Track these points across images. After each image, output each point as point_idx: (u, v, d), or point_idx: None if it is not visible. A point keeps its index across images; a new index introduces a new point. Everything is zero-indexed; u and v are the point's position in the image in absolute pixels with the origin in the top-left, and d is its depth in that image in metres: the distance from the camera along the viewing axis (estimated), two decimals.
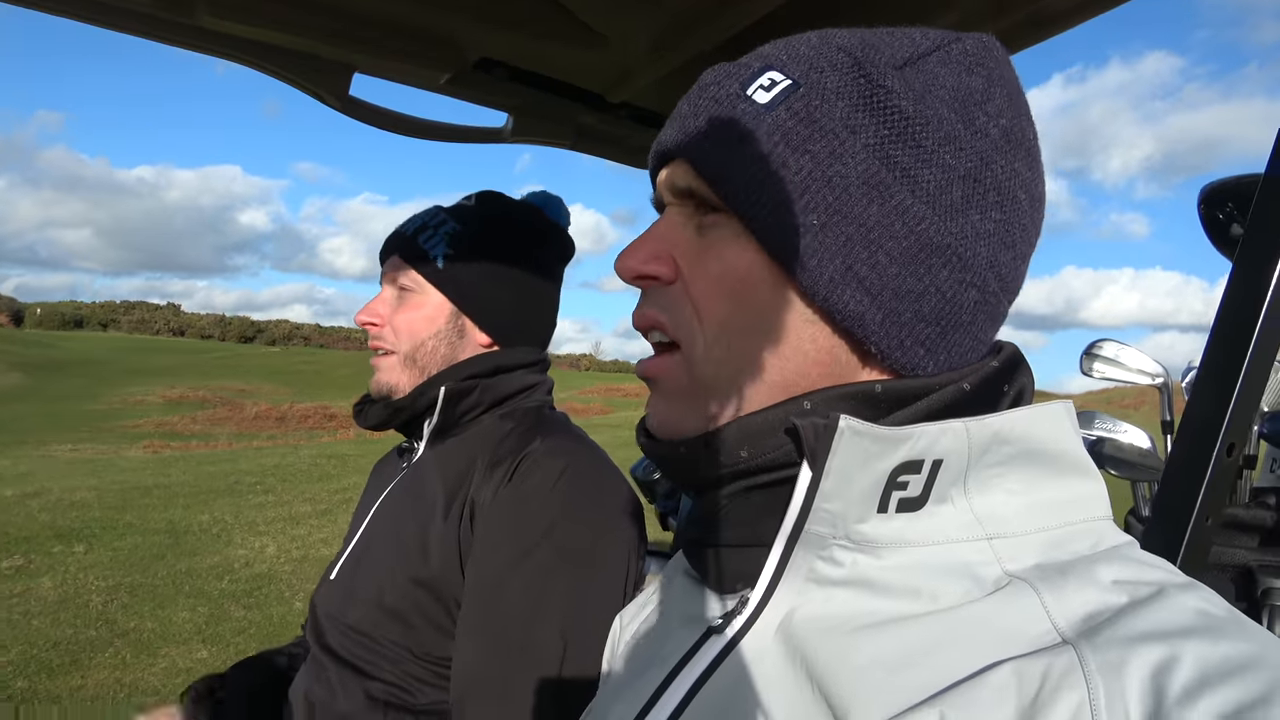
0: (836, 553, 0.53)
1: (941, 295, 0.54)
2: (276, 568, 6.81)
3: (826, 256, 0.53)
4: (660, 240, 0.60)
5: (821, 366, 0.56)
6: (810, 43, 0.58)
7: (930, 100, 0.54)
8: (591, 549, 1.10)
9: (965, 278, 0.54)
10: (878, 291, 0.53)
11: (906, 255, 0.53)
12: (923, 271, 0.53)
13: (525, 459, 1.15)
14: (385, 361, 1.31)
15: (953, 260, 0.53)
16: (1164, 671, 0.40)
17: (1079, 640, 0.43)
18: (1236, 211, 1.31)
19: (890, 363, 0.55)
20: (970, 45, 0.58)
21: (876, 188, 0.52)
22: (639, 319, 0.62)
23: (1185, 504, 0.82)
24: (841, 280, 0.53)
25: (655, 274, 0.60)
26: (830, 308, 0.53)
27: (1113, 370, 2.18)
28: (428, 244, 1.29)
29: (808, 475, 0.50)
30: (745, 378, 0.56)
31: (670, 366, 0.59)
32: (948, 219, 0.53)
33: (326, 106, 1.43)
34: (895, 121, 0.53)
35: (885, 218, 0.52)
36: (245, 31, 1.25)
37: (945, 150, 0.53)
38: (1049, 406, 0.54)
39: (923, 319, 0.54)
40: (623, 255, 0.61)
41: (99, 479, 10.64)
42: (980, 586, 0.49)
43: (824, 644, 0.51)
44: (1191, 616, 0.44)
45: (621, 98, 1.52)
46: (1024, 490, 0.52)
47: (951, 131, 0.54)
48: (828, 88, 0.54)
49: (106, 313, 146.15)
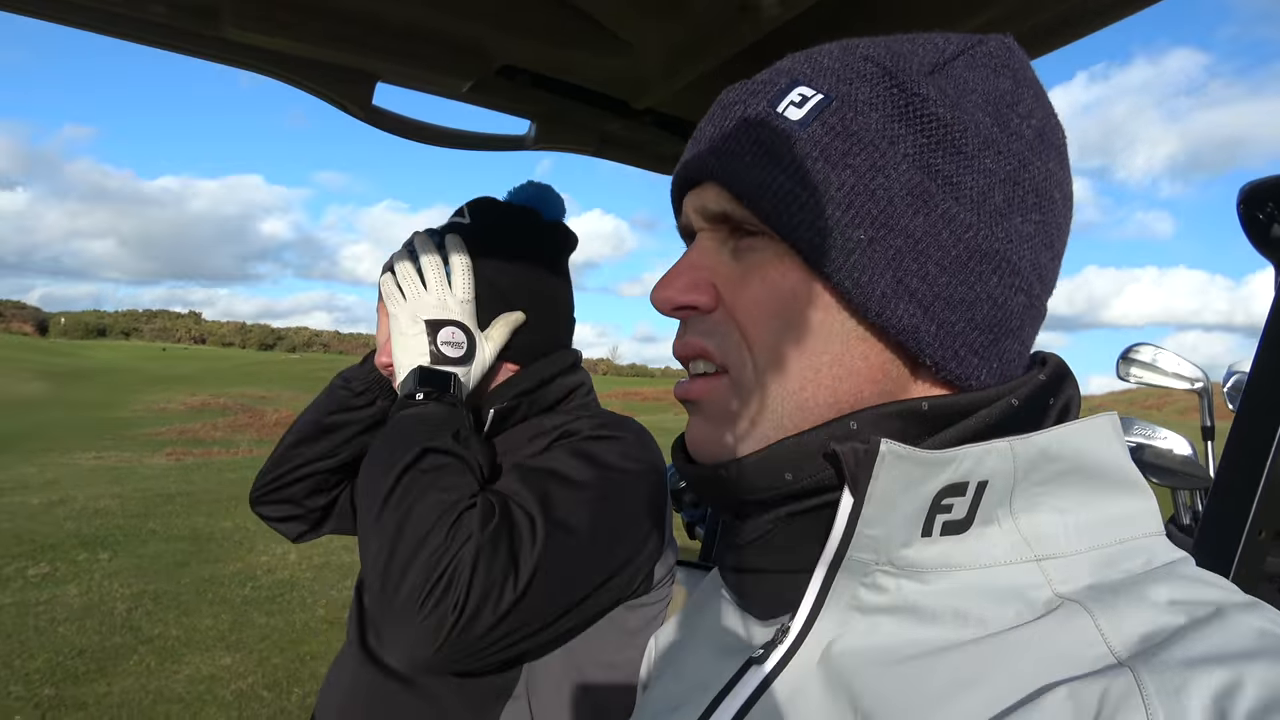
0: (880, 579, 0.51)
1: (993, 302, 0.53)
2: (298, 574, 6.84)
3: (877, 271, 0.51)
4: (696, 269, 0.59)
5: (874, 383, 0.54)
6: (834, 54, 0.56)
7: (965, 105, 0.53)
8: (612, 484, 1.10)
9: (1014, 282, 0.53)
10: (929, 303, 0.52)
11: (956, 264, 0.52)
12: (973, 279, 0.52)
13: (568, 430, 1.17)
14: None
15: (1001, 266, 0.52)
16: (1227, 696, 0.39)
17: (1136, 663, 0.42)
18: (1277, 212, 1.28)
19: (945, 374, 0.54)
20: (994, 47, 0.57)
21: (921, 197, 0.51)
22: (682, 348, 0.60)
23: (1238, 516, 0.79)
24: (894, 294, 0.51)
25: (695, 303, 0.58)
26: (883, 323, 0.52)
27: (1150, 375, 2.13)
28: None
29: (849, 501, 0.49)
30: (797, 399, 0.54)
31: (717, 389, 0.58)
32: (993, 224, 0.52)
33: (349, 116, 1.42)
34: (934, 129, 0.52)
35: (932, 227, 0.51)
36: (268, 43, 1.24)
37: (985, 155, 0.52)
38: (1095, 420, 0.52)
39: (975, 327, 0.53)
40: (659, 287, 0.59)
41: (122, 486, 10.74)
42: (1031, 609, 0.48)
43: (870, 676, 0.50)
44: (1254, 638, 0.42)
45: (646, 104, 1.50)
46: (1073, 508, 0.51)
47: (989, 135, 0.53)
48: (860, 99, 0.53)
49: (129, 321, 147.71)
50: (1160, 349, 2.13)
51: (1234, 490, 0.81)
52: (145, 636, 5.27)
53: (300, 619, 5.70)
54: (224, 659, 4.94)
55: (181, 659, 4.92)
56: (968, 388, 0.54)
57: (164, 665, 4.81)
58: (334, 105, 1.40)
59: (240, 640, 5.28)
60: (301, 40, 1.25)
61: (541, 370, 1.28)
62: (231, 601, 6.07)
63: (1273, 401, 0.79)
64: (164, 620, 5.59)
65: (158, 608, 5.84)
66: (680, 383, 0.62)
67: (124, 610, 5.73)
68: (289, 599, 6.18)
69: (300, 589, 6.41)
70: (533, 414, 1.27)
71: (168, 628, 5.44)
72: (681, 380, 0.62)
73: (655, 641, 0.79)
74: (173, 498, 9.90)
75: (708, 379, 0.58)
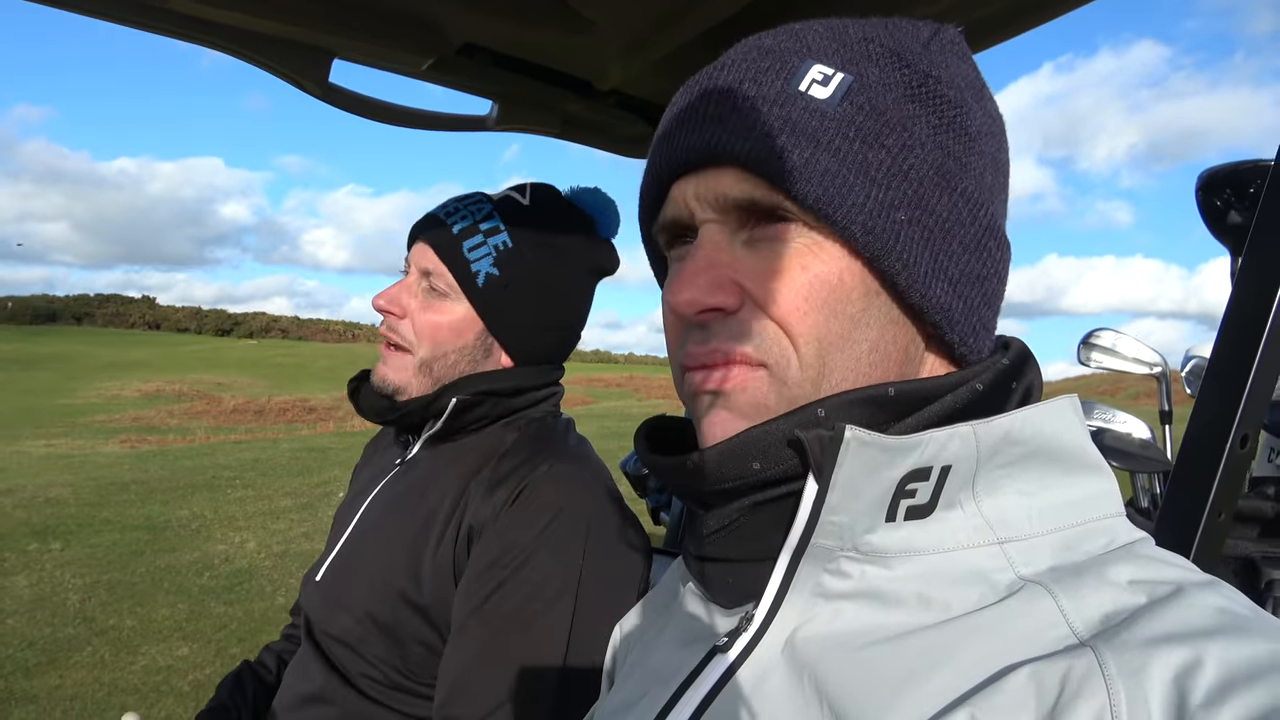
0: (844, 565, 0.51)
1: (999, 277, 0.55)
2: (257, 563, 6.74)
3: (917, 253, 0.51)
4: (716, 266, 0.54)
5: (898, 365, 0.54)
6: (825, 34, 0.55)
7: (961, 88, 0.54)
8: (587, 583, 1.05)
9: (1007, 256, 0.55)
10: (957, 281, 0.53)
11: (975, 242, 0.53)
12: (985, 256, 0.54)
13: (528, 486, 1.10)
14: (398, 359, 1.22)
15: (1002, 242, 0.55)
16: (1187, 674, 0.39)
17: (1098, 643, 0.42)
18: (1234, 198, 1.30)
19: (962, 350, 0.55)
20: (953, 34, 0.58)
21: (945, 176, 0.52)
22: (709, 355, 0.55)
23: (1197, 498, 0.80)
24: (932, 275, 0.52)
25: (722, 304, 0.54)
26: (924, 304, 0.52)
27: (1110, 360, 2.18)
28: (473, 254, 1.19)
29: (814, 488, 0.49)
30: (838, 389, 0.53)
31: (754, 382, 0.54)
32: (992, 201, 0.54)
33: (308, 96, 1.38)
34: (945, 109, 0.53)
35: (954, 207, 0.52)
36: (221, 16, 1.20)
37: (982, 137, 0.54)
38: (1056, 403, 0.53)
39: (986, 303, 0.55)
40: (679, 289, 0.54)
41: (75, 474, 10.51)
42: (994, 591, 0.48)
43: (834, 662, 0.49)
44: (1213, 616, 0.43)
45: (610, 85, 1.48)
46: (1035, 490, 0.51)
47: (982, 119, 0.55)
48: (873, 80, 0.53)
49: (80, 306, 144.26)
50: (1120, 334, 2.18)
51: (1194, 473, 0.82)
52: (99, 628, 5.16)
53: (259, 608, 5.62)
54: (181, 649, 4.86)
55: (137, 650, 4.83)
56: (971, 363, 0.55)
57: (119, 657, 4.72)
58: (290, 83, 1.36)
59: (197, 630, 5.19)
60: (255, 14, 1.21)
61: (523, 377, 1.24)
62: (188, 591, 5.96)
63: (1232, 385, 0.80)
64: (118, 611, 5.48)
65: (112, 598, 5.72)
66: (701, 374, 0.56)
67: (77, 601, 5.61)
68: (247, 588, 6.08)
69: (259, 578, 6.33)
70: (494, 414, 1.23)
71: (122, 618, 5.34)
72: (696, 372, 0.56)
73: (620, 629, 0.78)
74: (127, 486, 9.70)
75: (745, 369, 0.54)
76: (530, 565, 1.04)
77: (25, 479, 9.98)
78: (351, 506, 1.31)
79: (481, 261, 1.19)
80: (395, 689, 1.10)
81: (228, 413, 21.76)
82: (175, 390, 28.45)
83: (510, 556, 1.05)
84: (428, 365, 1.21)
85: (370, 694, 1.11)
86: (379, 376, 1.24)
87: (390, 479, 1.28)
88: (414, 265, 1.23)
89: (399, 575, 1.11)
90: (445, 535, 1.11)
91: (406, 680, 1.10)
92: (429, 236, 1.21)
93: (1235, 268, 1.12)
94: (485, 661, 1.01)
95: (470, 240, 1.19)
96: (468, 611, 1.04)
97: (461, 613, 1.05)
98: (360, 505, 1.28)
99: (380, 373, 1.24)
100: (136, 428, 18.35)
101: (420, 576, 1.10)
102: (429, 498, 1.16)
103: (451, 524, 1.11)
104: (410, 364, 1.21)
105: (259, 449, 13.25)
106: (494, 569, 1.04)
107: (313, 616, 1.20)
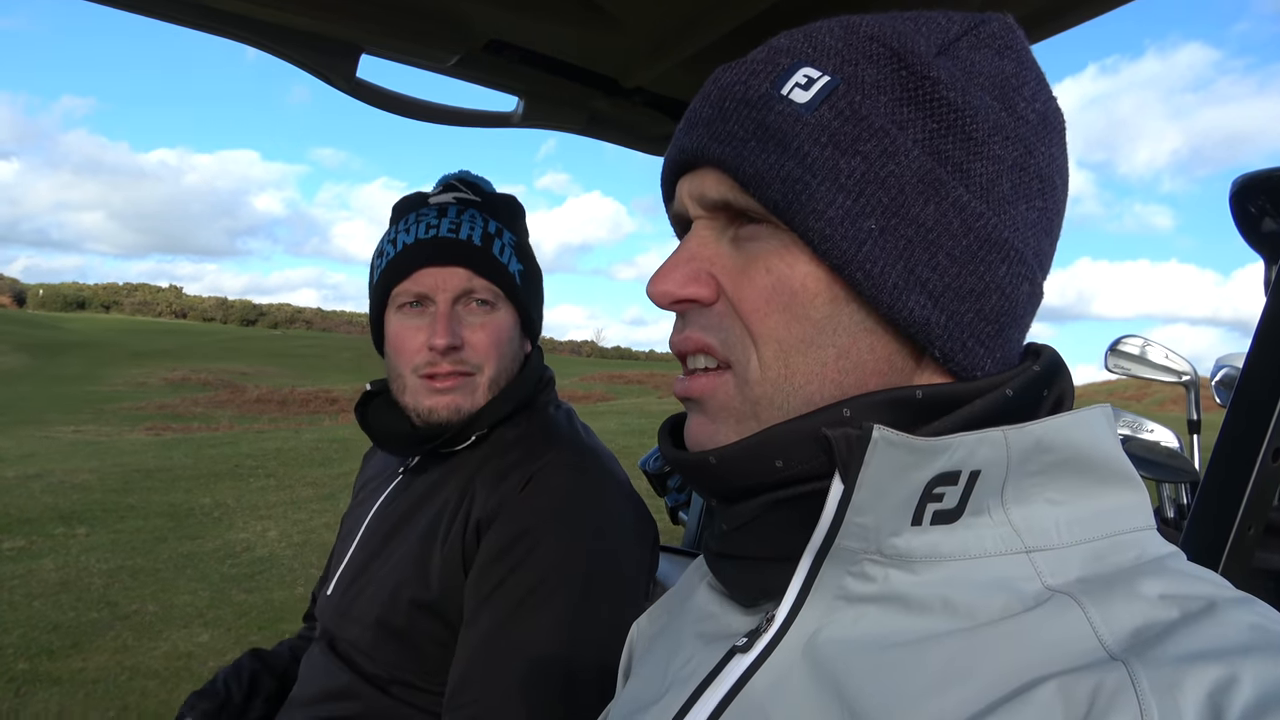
0: (868, 568, 0.51)
1: (1001, 292, 0.52)
2: (278, 551, 6.80)
3: (887, 262, 0.50)
4: (695, 260, 0.57)
5: (880, 375, 0.53)
6: (836, 33, 0.55)
7: (973, 88, 0.52)
8: (596, 572, 1.06)
9: (1020, 271, 0.52)
10: (940, 294, 0.50)
11: (966, 254, 0.50)
12: (982, 269, 0.51)
13: (538, 474, 1.10)
14: (466, 383, 1.19)
15: (1009, 255, 0.52)
16: (1222, 692, 0.38)
17: (1129, 657, 0.41)
18: (1270, 205, 1.27)
19: (951, 365, 0.53)
20: (996, 27, 0.56)
21: (932, 185, 0.50)
22: (682, 343, 0.58)
23: (1227, 511, 0.78)
24: (905, 286, 0.50)
25: (695, 296, 0.56)
26: (894, 316, 0.51)
27: (1138, 368, 2.14)
28: (503, 256, 1.20)
29: (839, 488, 0.48)
30: (803, 395, 0.53)
31: (720, 386, 0.56)
32: (1001, 212, 0.51)
33: (335, 89, 1.39)
34: (944, 114, 0.51)
35: (943, 216, 0.50)
36: (249, 10, 1.21)
37: (994, 140, 0.51)
38: (1089, 412, 0.52)
39: (983, 318, 0.52)
40: (657, 280, 0.57)
41: (101, 461, 10.64)
42: (1020, 601, 0.47)
43: (855, 665, 0.49)
44: (1247, 633, 0.42)
45: (635, 83, 1.48)
46: (1066, 500, 0.50)
47: (998, 120, 0.52)
48: (867, 82, 0.52)
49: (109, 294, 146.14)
50: (1149, 341, 2.13)
51: (1224, 485, 0.80)
52: (122, 612, 5.22)
53: (279, 597, 5.67)
54: (202, 635, 4.91)
55: (159, 635, 4.88)
56: (971, 378, 0.53)
57: (141, 641, 4.77)
58: (317, 77, 1.37)
59: (218, 617, 5.24)
60: (283, 9, 1.21)
61: (531, 370, 1.26)
62: (210, 578, 6.02)
63: (1265, 396, 0.78)
64: (141, 596, 5.54)
65: (135, 583, 5.79)
66: (679, 379, 0.59)
67: (101, 586, 5.68)
68: (268, 576, 6.14)
69: (280, 566, 6.38)
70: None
71: (145, 604, 5.40)
72: (679, 377, 0.60)
73: (637, 628, 0.78)
74: (151, 473, 9.80)
75: (709, 375, 0.57)
76: (539, 551, 1.04)
77: (53, 464, 10.11)
78: (356, 516, 1.32)
79: (511, 261, 1.21)
80: (414, 689, 1.11)
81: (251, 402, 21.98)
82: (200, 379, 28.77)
83: (520, 544, 1.05)
84: (495, 381, 1.21)
85: (391, 691, 1.11)
86: (448, 408, 1.18)
87: (394, 488, 1.28)
88: (439, 292, 1.18)
89: (408, 583, 1.12)
90: (453, 530, 1.12)
91: (422, 683, 1.11)
92: (450, 258, 1.18)
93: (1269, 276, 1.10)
94: (494, 649, 1.02)
95: (495, 245, 1.20)
96: (478, 601, 1.05)
97: (472, 603, 1.06)
98: (365, 515, 1.28)
99: (450, 403, 1.18)
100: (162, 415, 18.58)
101: (429, 577, 1.11)
102: (434, 501, 1.17)
103: (459, 519, 1.12)
104: (480, 384, 1.20)
105: (281, 439, 13.35)
106: (504, 556, 1.05)
107: (328, 628, 1.21)
